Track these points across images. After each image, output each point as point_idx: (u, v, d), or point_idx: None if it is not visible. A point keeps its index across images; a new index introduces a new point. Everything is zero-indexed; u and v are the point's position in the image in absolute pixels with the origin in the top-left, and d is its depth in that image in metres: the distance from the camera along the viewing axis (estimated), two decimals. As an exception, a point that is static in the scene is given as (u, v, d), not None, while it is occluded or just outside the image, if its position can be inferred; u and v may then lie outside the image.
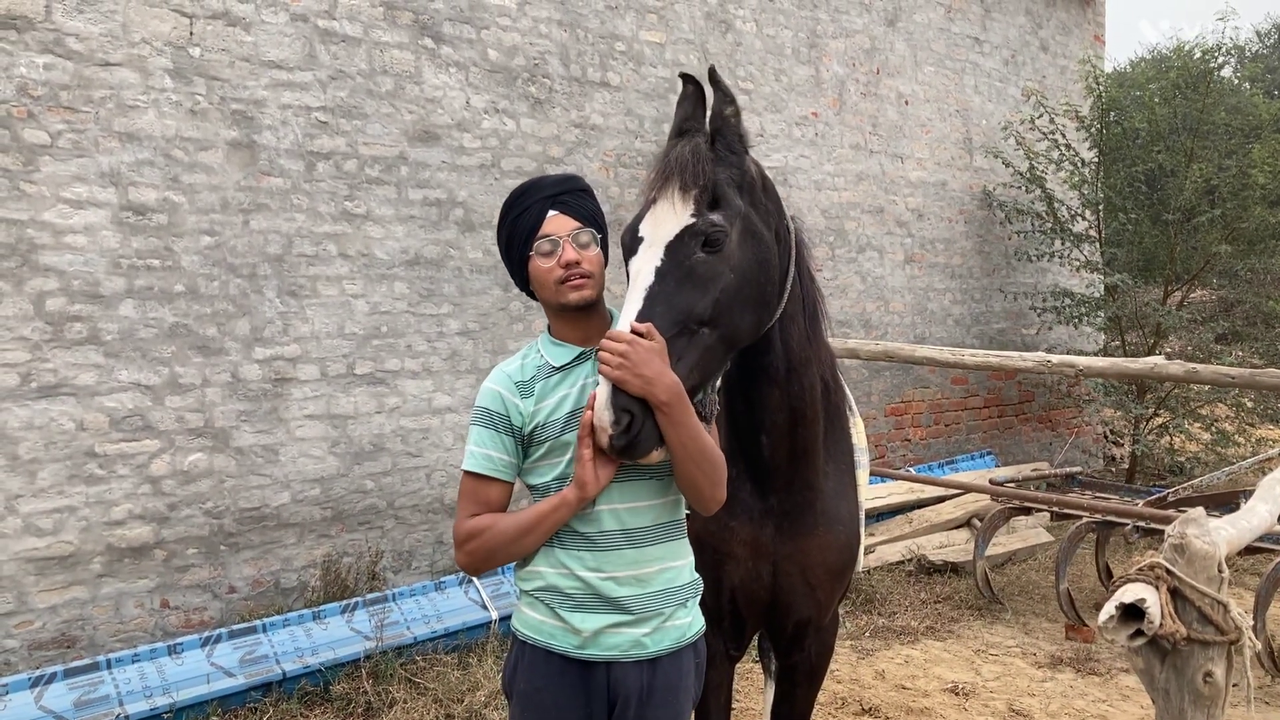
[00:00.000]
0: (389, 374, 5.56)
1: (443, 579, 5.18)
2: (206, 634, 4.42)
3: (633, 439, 1.92)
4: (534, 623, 2.16)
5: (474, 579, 5.18)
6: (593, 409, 1.95)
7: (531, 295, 2.25)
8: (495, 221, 2.23)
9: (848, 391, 2.92)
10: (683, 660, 2.19)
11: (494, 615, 5.05)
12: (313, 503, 5.28)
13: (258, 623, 4.56)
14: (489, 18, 5.90)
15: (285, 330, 5.18)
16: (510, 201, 2.22)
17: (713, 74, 2.28)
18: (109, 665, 4.12)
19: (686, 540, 2.26)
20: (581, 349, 2.18)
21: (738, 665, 4.88)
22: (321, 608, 4.75)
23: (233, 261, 5.00)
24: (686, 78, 2.34)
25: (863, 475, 2.85)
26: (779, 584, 2.59)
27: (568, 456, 2.12)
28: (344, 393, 5.38)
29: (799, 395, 2.46)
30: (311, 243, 5.26)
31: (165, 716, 4.05)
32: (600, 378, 1.93)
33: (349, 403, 5.40)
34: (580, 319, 2.18)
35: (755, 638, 3.60)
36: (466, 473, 2.16)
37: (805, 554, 2.56)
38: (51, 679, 3.97)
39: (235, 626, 4.53)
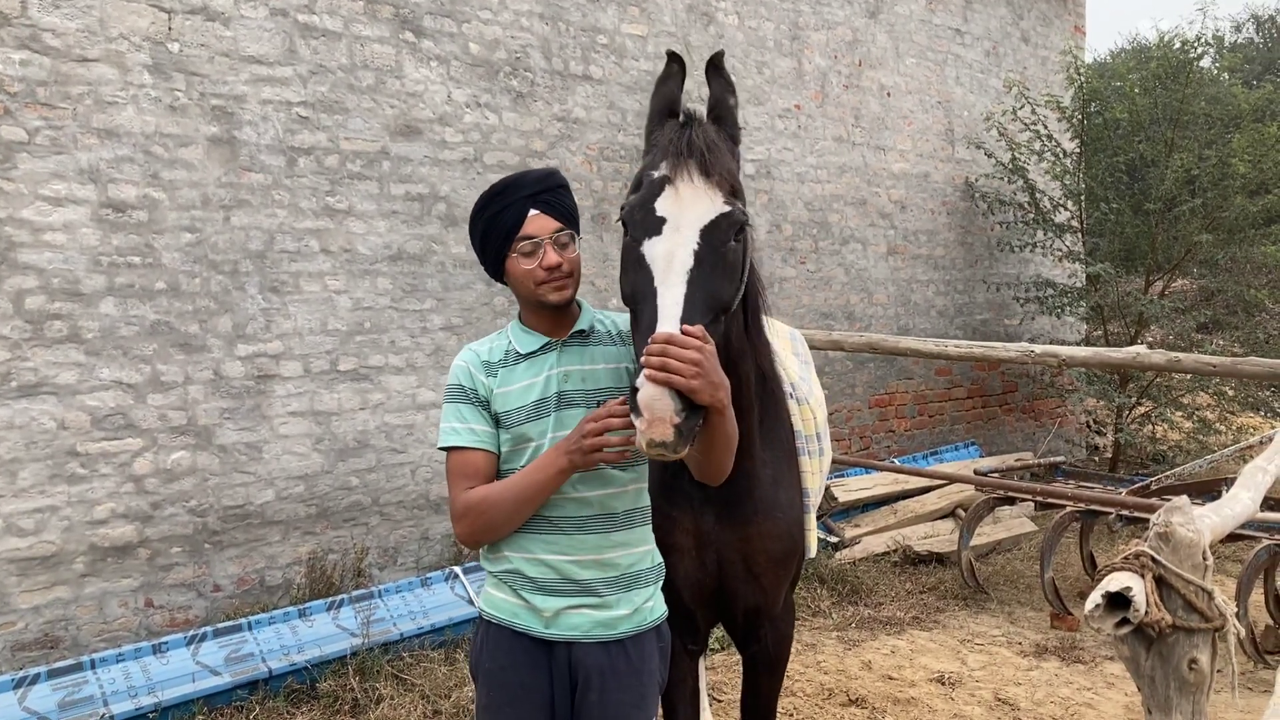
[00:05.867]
0: (373, 370, 5.53)
1: (429, 575, 5.16)
2: (192, 633, 4.39)
3: (685, 441, 1.85)
4: (499, 602, 2.21)
5: (460, 575, 5.17)
6: (636, 399, 1.82)
7: (503, 281, 2.26)
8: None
9: (795, 378, 2.94)
10: (644, 643, 2.22)
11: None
12: (297, 500, 5.25)
13: (243, 621, 4.54)
14: (470, 11, 5.87)
15: (268, 327, 5.14)
16: (489, 197, 2.20)
17: (718, 60, 2.27)
18: (93, 665, 4.09)
19: (649, 526, 2.30)
20: (548, 339, 2.22)
21: (725, 658, 4.91)
22: (307, 605, 4.73)
23: (214, 258, 4.96)
24: (673, 55, 2.31)
25: (811, 462, 2.85)
26: (724, 572, 2.62)
27: (532, 446, 2.15)
28: (327, 389, 5.36)
29: (735, 387, 2.44)
30: (293, 239, 5.22)
31: (150, 716, 4.03)
32: (650, 381, 1.79)
33: (333, 399, 5.38)
34: (553, 313, 2.23)
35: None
36: (452, 449, 2.17)
37: (746, 541, 2.59)
38: (35, 680, 3.94)
39: (220, 625, 4.51)
